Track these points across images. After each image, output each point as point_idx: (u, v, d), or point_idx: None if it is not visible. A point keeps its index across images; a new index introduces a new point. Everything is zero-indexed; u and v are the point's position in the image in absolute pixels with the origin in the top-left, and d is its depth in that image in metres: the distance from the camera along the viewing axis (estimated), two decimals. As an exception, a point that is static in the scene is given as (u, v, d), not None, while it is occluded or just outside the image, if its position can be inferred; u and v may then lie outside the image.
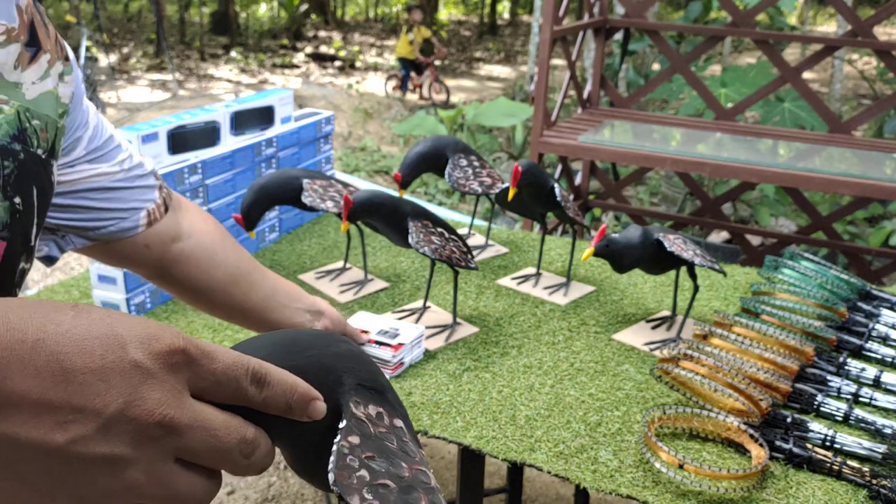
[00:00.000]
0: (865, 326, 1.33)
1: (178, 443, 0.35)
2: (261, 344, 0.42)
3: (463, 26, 18.22)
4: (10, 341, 0.32)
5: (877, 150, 2.86)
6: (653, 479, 1.00)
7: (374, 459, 0.45)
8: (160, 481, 0.35)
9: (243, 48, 12.86)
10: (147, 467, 0.34)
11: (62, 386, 0.32)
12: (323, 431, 0.43)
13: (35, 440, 0.32)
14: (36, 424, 0.32)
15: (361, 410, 0.46)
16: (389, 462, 0.46)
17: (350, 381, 0.46)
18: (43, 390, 0.32)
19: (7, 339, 0.32)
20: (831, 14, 15.32)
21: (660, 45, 3.31)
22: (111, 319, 0.34)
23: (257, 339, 0.43)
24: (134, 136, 1.38)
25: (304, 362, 0.43)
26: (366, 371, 0.48)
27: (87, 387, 0.32)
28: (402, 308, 1.44)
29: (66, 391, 0.32)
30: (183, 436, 0.35)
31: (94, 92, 7.45)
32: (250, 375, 0.37)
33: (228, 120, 1.59)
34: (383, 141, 7.24)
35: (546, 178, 1.47)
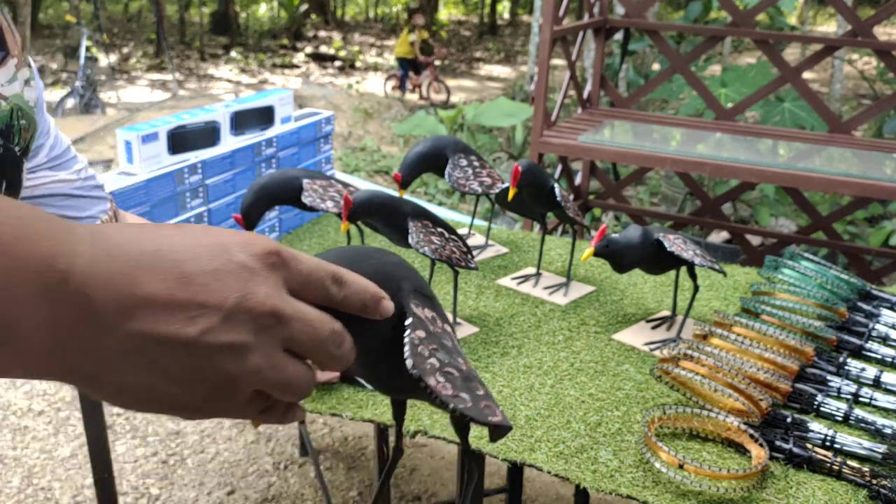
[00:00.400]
0: (865, 326, 1.33)
1: (285, 332, 0.40)
2: (330, 255, 0.50)
3: (463, 26, 18.21)
4: (135, 253, 0.36)
5: (877, 150, 2.86)
6: (653, 479, 1.00)
7: (438, 351, 0.52)
8: (276, 366, 0.40)
9: (243, 48, 12.86)
10: (264, 353, 0.39)
11: (185, 287, 0.37)
12: (390, 330, 0.50)
13: (171, 334, 0.36)
14: (169, 321, 0.36)
15: (421, 311, 0.53)
16: (450, 356, 0.54)
17: (408, 286, 0.52)
18: (171, 291, 0.36)
19: (132, 251, 0.36)
20: (831, 14, 15.32)
21: (660, 45, 3.31)
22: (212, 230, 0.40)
23: (326, 253, 0.50)
24: (134, 136, 1.38)
25: (368, 269, 0.49)
26: (419, 280, 0.54)
27: (207, 286, 0.37)
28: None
29: (189, 290, 0.37)
30: (289, 325, 0.40)
31: (94, 92, 7.45)
32: (331, 276, 0.43)
33: (228, 120, 1.59)
34: (383, 141, 7.24)
35: (546, 178, 1.47)
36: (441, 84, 9.59)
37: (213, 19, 14.36)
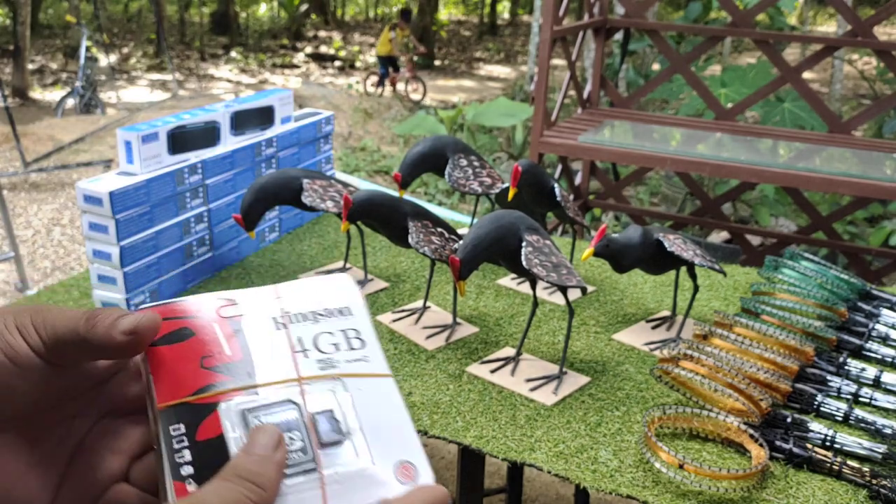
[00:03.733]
0: (865, 326, 1.33)
1: None
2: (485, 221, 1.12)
3: (463, 26, 18.21)
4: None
5: (877, 150, 2.86)
6: (653, 479, 1.00)
7: (538, 256, 1.14)
8: None
9: (243, 48, 12.86)
10: None
11: None
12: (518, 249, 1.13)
13: None
14: None
15: (530, 237, 1.15)
16: (547, 257, 1.15)
17: (523, 226, 1.16)
18: None
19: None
20: (831, 14, 15.31)
21: (660, 45, 3.31)
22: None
23: (482, 219, 1.11)
24: (134, 136, 1.38)
25: (497, 225, 1.14)
26: (529, 221, 1.17)
27: None
28: (401, 308, 1.44)
29: None
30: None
31: (94, 92, 7.45)
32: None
33: (228, 120, 1.59)
34: (383, 141, 7.24)
35: (546, 178, 1.47)
36: (419, 82, 9.61)
37: (213, 19, 14.36)
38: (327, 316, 0.43)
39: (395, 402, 0.40)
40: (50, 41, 12.24)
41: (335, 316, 0.43)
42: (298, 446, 0.36)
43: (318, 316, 0.43)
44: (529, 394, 1.18)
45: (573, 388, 1.20)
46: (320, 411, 0.38)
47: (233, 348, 0.40)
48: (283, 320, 0.42)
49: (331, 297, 0.44)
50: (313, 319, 0.42)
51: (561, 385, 1.20)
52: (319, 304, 0.44)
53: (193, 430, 0.36)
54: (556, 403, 1.16)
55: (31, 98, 8.36)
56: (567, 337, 1.22)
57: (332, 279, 0.45)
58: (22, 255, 3.69)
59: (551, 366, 1.26)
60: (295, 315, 0.42)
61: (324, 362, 0.40)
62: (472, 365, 1.25)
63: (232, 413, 0.37)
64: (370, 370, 0.41)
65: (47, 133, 6.24)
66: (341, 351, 0.41)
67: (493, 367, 1.25)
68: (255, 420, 0.37)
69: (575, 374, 1.24)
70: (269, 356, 0.40)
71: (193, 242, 1.52)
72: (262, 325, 0.41)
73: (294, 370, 0.39)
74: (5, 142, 5.94)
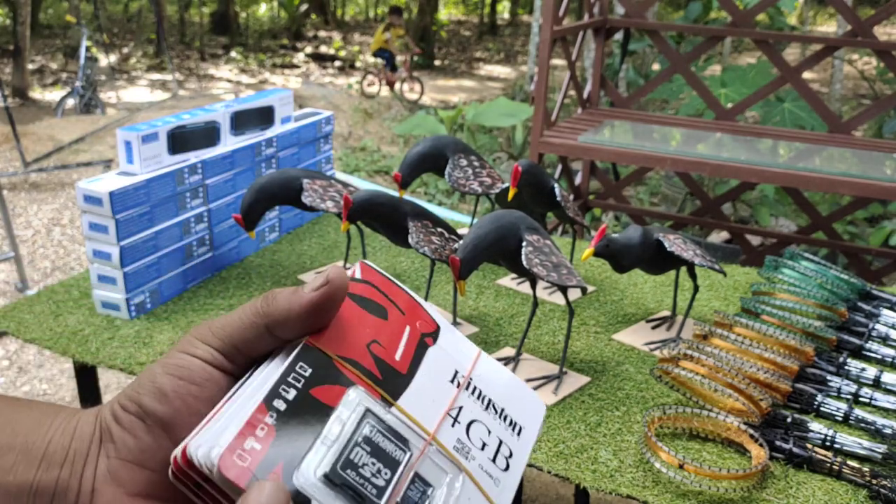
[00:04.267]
0: (865, 326, 1.33)
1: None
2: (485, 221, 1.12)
3: (463, 26, 18.21)
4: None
5: (877, 150, 2.86)
6: (653, 479, 1.00)
7: (539, 255, 1.14)
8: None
9: (243, 48, 12.85)
10: None
11: None
12: (518, 248, 1.14)
13: None
14: None
15: (530, 237, 1.16)
16: (547, 257, 1.15)
17: (523, 226, 1.17)
18: None
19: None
20: (831, 14, 15.32)
21: (660, 45, 3.31)
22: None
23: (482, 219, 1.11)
24: (134, 136, 1.38)
25: (497, 225, 1.14)
26: (529, 220, 1.18)
27: None
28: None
29: None
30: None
31: (94, 92, 7.45)
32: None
33: (228, 120, 1.59)
34: (383, 141, 7.24)
35: (546, 178, 1.47)
36: (416, 82, 9.61)
37: (213, 19, 14.36)
38: (499, 417, 0.39)
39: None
40: (50, 41, 12.24)
41: (505, 424, 0.40)
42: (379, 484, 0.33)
43: (493, 409, 0.39)
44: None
45: (573, 388, 1.20)
46: (421, 478, 0.34)
47: (403, 360, 0.37)
48: (462, 381, 0.39)
49: (516, 406, 0.41)
50: (485, 407, 0.39)
51: (561, 385, 1.20)
52: (503, 401, 0.40)
53: (314, 383, 0.34)
54: (556, 403, 1.16)
55: (31, 98, 8.37)
56: (567, 337, 1.22)
57: (533, 397, 0.42)
58: (22, 255, 3.69)
59: (551, 366, 1.26)
60: (475, 388, 0.39)
61: (461, 446, 0.36)
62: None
63: (355, 402, 0.34)
64: (491, 495, 0.36)
65: (47, 133, 6.24)
66: (483, 453, 0.37)
67: (493, 367, 1.25)
68: (367, 426, 0.33)
69: (575, 374, 1.24)
70: (425, 395, 0.36)
71: (193, 242, 1.52)
72: (442, 368, 0.38)
73: (434, 426, 0.36)
74: (5, 142, 5.94)
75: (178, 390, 0.35)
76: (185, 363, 0.35)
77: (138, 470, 0.35)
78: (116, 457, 0.35)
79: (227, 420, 0.33)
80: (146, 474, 0.35)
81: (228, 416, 0.33)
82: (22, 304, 1.47)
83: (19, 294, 3.52)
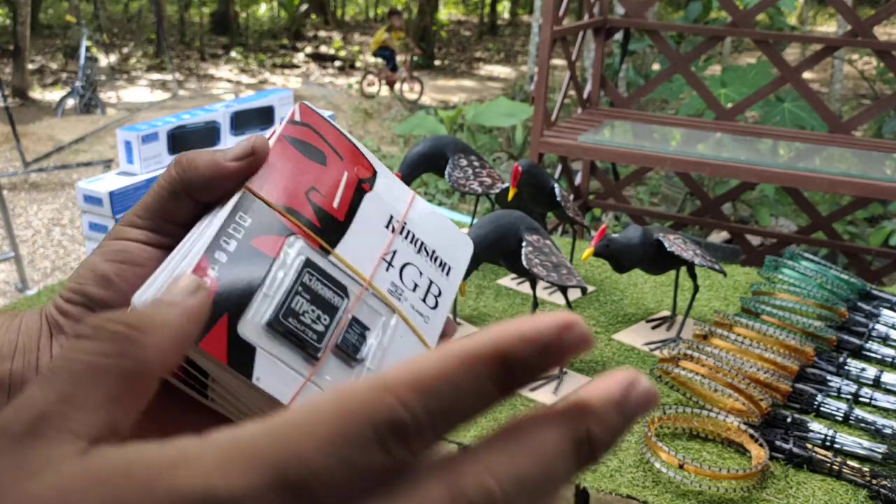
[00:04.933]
0: (865, 326, 1.33)
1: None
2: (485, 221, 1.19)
3: (463, 26, 18.21)
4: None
5: (877, 150, 2.86)
6: (653, 479, 1.00)
7: (539, 256, 1.16)
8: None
9: (243, 48, 12.85)
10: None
11: None
12: (517, 248, 1.17)
13: None
14: None
15: (530, 237, 1.18)
16: (547, 257, 1.17)
17: (523, 226, 1.19)
18: None
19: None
20: (831, 14, 15.32)
21: (660, 45, 3.31)
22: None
23: (482, 220, 1.16)
24: (134, 136, 1.38)
25: (497, 225, 1.17)
26: (529, 220, 1.20)
27: None
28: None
29: None
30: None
31: (94, 92, 7.45)
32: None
33: (228, 120, 1.59)
34: (383, 141, 7.24)
35: (546, 178, 1.47)
36: (416, 81, 9.61)
37: (213, 19, 14.36)
38: (430, 258, 0.40)
39: None
40: (50, 41, 12.24)
41: (435, 265, 0.40)
42: (318, 329, 0.33)
43: (424, 251, 0.40)
44: (529, 394, 1.18)
45: (573, 388, 1.20)
46: (358, 322, 0.35)
47: (341, 207, 0.37)
48: (397, 225, 0.39)
49: (446, 247, 0.41)
50: (418, 249, 0.40)
51: (561, 385, 1.20)
52: (434, 242, 0.41)
53: (254, 233, 0.34)
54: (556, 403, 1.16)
55: (31, 98, 8.37)
56: None
57: (462, 238, 0.43)
58: (22, 255, 3.69)
59: (551, 366, 1.26)
60: (409, 231, 0.40)
61: (395, 289, 0.37)
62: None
63: (295, 251, 0.34)
64: (421, 332, 0.38)
65: (47, 133, 6.24)
66: (415, 293, 0.38)
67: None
68: (306, 275, 0.34)
69: (575, 374, 1.24)
70: (361, 241, 0.37)
71: (193, 242, 1.52)
72: (378, 214, 0.39)
73: (370, 271, 0.37)
74: (5, 142, 5.94)
75: (121, 274, 0.35)
76: (121, 247, 0.36)
77: None
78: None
79: (165, 277, 0.32)
80: None
81: (167, 273, 0.33)
82: (22, 304, 1.47)
83: (19, 294, 3.52)
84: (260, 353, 0.32)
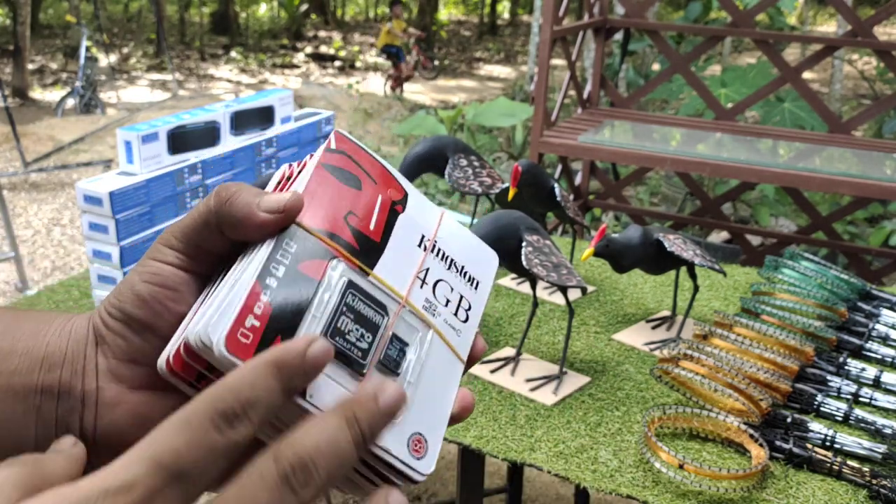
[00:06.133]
0: (865, 326, 1.33)
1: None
2: (485, 221, 1.15)
3: (463, 26, 18.21)
4: None
5: (877, 150, 2.86)
6: (653, 479, 1.00)
7: (538, 256, 1.15)
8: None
9: (243, 48, 12.85)
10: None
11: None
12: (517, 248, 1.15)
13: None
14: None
15: (530, 237, 1.17)
16: (547, 257, 1.16)
17: (523, 226, 1.18)
18: None
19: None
20: (831, 14, 15.31)
21: (660, 45, 3.31)
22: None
23: (481, 220, 1.13)
24: (134, 136, 1.38)
25: (497, 225, 1.16)
26: (529, 220, 1.19)
27: None
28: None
29: None
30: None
31: (94, 92, 7.45)
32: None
33: (228, 120, 1.59)
34: (383, 141, 7.24)
35: (546, 178, 1.47)
36: (428, 59, 9.69)
37: (213, 19, 14.36)
38: (460, 274, 0.43)
39: (450, 386, 0.39)
40: (50, 41, 12.24)
41: (465, 280, 0.43)
42: (363, 347, 0.35)
43: (454, 267, 0.43)
44: (529, 394, 1.18)
45: (573, 388, 1.20)
46: (398, 338, 0.37)
47: (377, 229, 0.39)
48: (428, 244, 0.42)
49: (474, 262, 0.44)
50: (448, 266, 0.42)
51: (561, 385, 1.20)
52: (463, 258, 0.43)
53: (300, 258, 0.36)
54: (556, 403, 1.16)
55: (31, 98, 8.37)
56: (567, 337, 1.22)
57: (489, 253, 0.46)
58: (22, 255, 3.69)
59: (551, 366, 1.26)
60: (440, 249, 0.42)
61: (429, 305, 0.40)
62: (472, 365, 1.25)
63: (338, 273, 0.36)
64: (454, 345, 0.40)
65: (47, 133, 6.24)
66: (447, 309, 0.41)
67: (493, 367, 1.25)
68: (349, 296, 0.36)
69: (575, 374, 1.24)
70: (397, 261, 0.39)
71: (193, 242, 1.52)
72: (411, 234, 0.41)
73: (406, 289, 0.39)
74: (5, 142, 5.94)
75: (155, 296, 0.37)
76: (156, 269, 0.38)
77: (135, 367, 0.37)
78: (113, 357, 0.37)
79: (220, 304, 0.34)
80: (144, 370, 0.37)
81: (220, 301, 0.34)
82: (22, 304, 1.47)
83: (19, 294, 3.52)
84: None
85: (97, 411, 0.36)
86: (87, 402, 0.36)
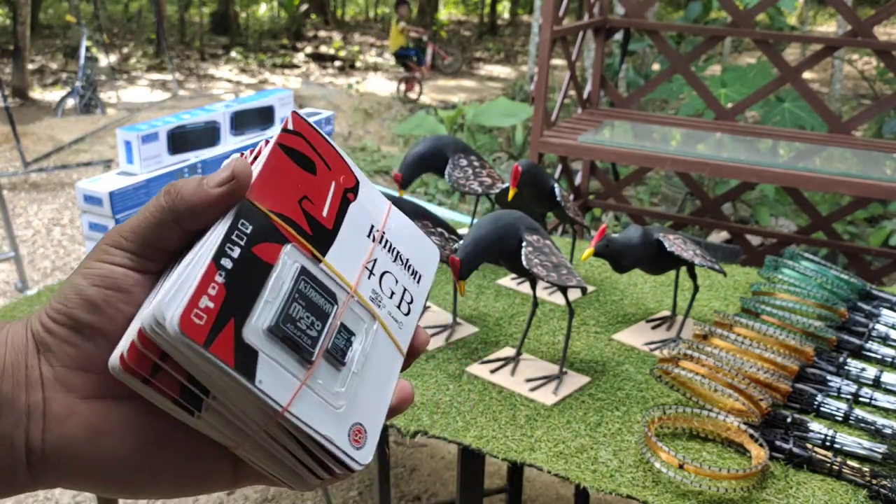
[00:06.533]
0: (865, 326, 1.33)
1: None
2: (484, 221, 1.18)
3: (463, 26, 18.21)
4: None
5: (877, 150, 2.86)
6: (653, 479, 1.00)
7: (538, 256, 1.16)
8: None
9: (243, 48, 12.85)
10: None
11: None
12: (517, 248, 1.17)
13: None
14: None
15: (530, 237, 1.18)
16: (547, 257, 1.17)
17: (523, 226, 1.19)
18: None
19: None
20: (831, 14, 15.31)
21: (660, 45, 3.31)
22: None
23: (481, 220, 1.15)
24: (134, 136, 1.38)
25: (497, 225, 1.17)
26: (528, 220, 1.21)
27: None
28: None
29: None
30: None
31: (94, 92, 7.45)
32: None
33: (228, 120, 1.59)
34: (383, 141, 7.24)
35: (546, 178, 1.47)
36: (448, 54, 9.77)
37: (213, 19, 14.36)
38: (405, 267, 0.43)
39: (391, 378, 0.39)
40: (50, 41, 12.24)
41: (409, 273, 0.43)
42: (312, 335, 0.35)
43: (400, 260, 0.42)
44: (529, 394, 1.18)
45: (573, 388, 1.20)
46: (345, 328, 0.37)
47: (329, 216, 0.39)
48: (377, 234, 0.42)
49: (418, 256, 0.44)
50: (394, 258, 0.42)
51: (561, 385, 1.20)
52: (408, 251, 0.43)
53: (255, 241, 0.35)
54: (556, 403, 1.16)
55: (31, 98, 8.37)
56: (567, 337, 1.22)
57: (432, 247, 0.46)
58: (22, 255, 3.69)
59: (551, 366, 1.26)
60: (387, 241, 0.42)
61: (375, 296, 0.40)
62: (472, 365, 1.25)
63: (291, 260, 0.36)
64: (396, 337, 0.40)
65: (47, 133, 6.24)
66: (392, 301, 0.41)
67: (493, 367, 1.25)
68: (301, 282, 0.36)
69: (575, 374, 1.24)
70: (347, 249, 0.39)
71: (193, 242, 1.52)
72: (361, 223, 0.41)
73: (355, 279, 0.39)
74: (5, 142, 5.94)
75: (107, 299, 0.35)
76: (107, 272, 0.36)
77: (86, 375, 0.35)
78: (60, 365, 0.35)
79: (173, 284, 0.33)
80: (95, 377, 0.35)
81: (174, 281, 0.33)
82: (22, 304, 1.47)
83: (19, 294, 3.52)
84: (262, 357, 0.33)
85: (45, 424, 0.34)
86: (33, 414, 0.34)
